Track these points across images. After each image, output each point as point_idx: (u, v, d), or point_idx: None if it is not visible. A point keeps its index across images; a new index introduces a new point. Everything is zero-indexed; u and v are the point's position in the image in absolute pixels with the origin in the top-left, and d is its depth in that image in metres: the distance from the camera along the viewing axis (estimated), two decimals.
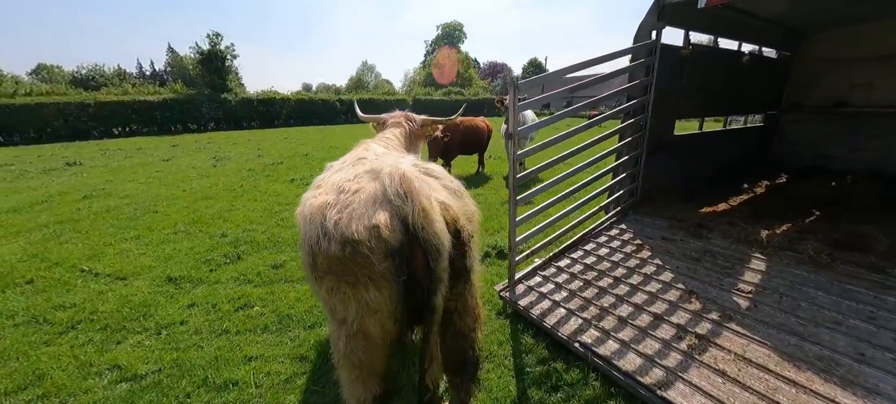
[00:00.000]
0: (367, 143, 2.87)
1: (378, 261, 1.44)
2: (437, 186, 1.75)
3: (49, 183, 9.50)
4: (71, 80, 47.22)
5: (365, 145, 2.79)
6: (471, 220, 1.82)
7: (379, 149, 2.63)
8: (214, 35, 32.82)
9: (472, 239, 1.73)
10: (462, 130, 7.46)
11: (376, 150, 2.58)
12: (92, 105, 27.15)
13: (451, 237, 1.55)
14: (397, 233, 1.44)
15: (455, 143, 7.37)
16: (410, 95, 42.41)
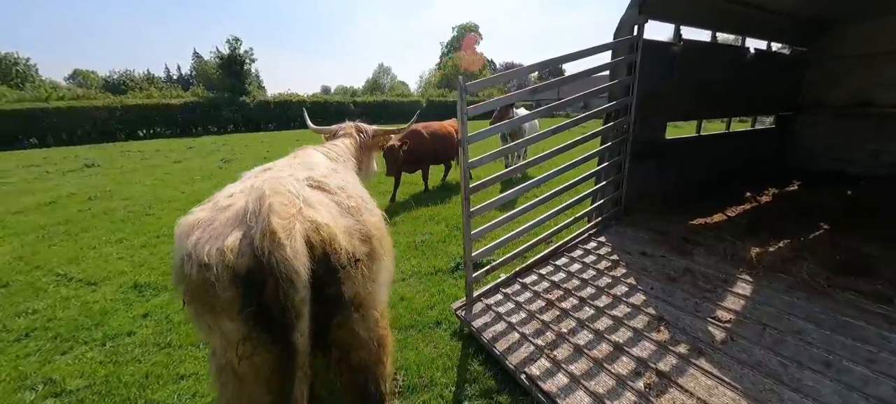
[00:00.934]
0: (306, 150, 2.69)
1: (222, 288, 1.25)
2: (324, 202, 1.54)
3: (63, 184, 9.85)
4: (103, 85, 49.73)
5: (303, 152, 2.61)
6: (367, 240, 1.60)
7: (314, 159, 2.44)
8: (234, 39, 33.80)
9: (357, 263, 1.50)
10: (431, 138, 6.76)
11: (308, 159, 2.39)
12: (119, 109, 28.38)
13: (320, 262, 1.34)
14: (245, 258, 1.24)
15: (426, 152, 6.71)
16: (424, 97, 42.42)
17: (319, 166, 2.12)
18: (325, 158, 2.63)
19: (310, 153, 2.54)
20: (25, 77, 42.55)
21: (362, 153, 3.24)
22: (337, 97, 40.31)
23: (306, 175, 1.70)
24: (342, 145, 3.00)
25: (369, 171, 3.50)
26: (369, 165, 3.47)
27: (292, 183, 1.51)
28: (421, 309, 3.35)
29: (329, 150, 2.80)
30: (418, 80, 68.92)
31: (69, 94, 31.09)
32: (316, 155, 2.59)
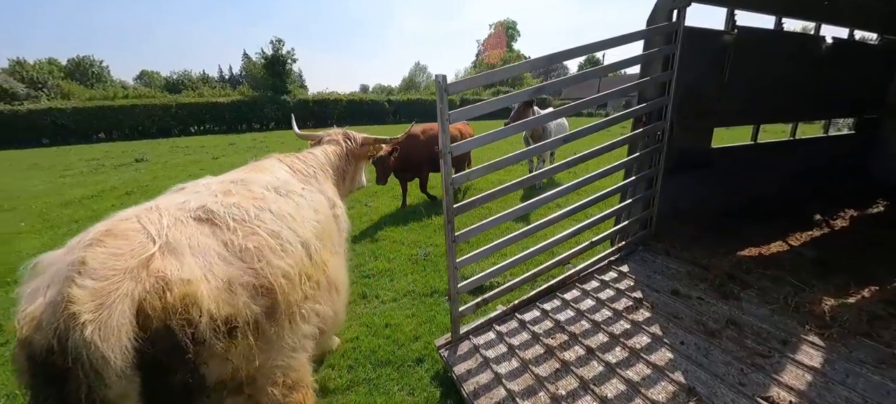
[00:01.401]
0: (269, 160, 2.35)
1: (18, 369, 0.92)
2: (202, 245, 1.16)
3: (111, 178, 10.49)
4: (164, 84, 54.00)
5: (262, 163, 2.27)
6: (265, 293, 1.21)
7: (260, 175, 2.02)
8: (277, 41, 35.19)
9: (234, 330, 1.11)
10: (428, 141, 5.97)
11: (253, 175, 2.02)
12: (173, 106, 30.53)
13: (158, 337, 0.96)
14: (42, 334, 0.89)
15: (421, 158, 5.94)
16: (459, 95, 42.02)
17: (256, 183, 1.77)
18: (286, 171, 2.29)
19: (265, 166, 2.19)
20: (99, 77, 46.99)
21: (349, 162, 2.90)
22: (372, 96, 40.94)
23: (201, 203, 1.34)
24: (320, 154, 2.66)
25: (357, 182, 3.16)
26: (357, 176, 3.13)
27: (159, 218, 1.16)
28: (404, 341, 2.94)
29: (298, 161, 2.45)
30: (454, 78, 68.93)
31: (133, 93, 33.99)
32: (277, 167, 2.25)
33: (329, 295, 1.80)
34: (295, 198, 1.84)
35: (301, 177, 2.29)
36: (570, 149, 10.12)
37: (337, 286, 1.99)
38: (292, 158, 2.45)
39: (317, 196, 2.28)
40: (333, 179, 2.66)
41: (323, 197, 2.33)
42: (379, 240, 4.91)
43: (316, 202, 2.13)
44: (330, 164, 2.66)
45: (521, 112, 6.04)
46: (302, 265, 1.45)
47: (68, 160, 15.29)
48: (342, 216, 2.45)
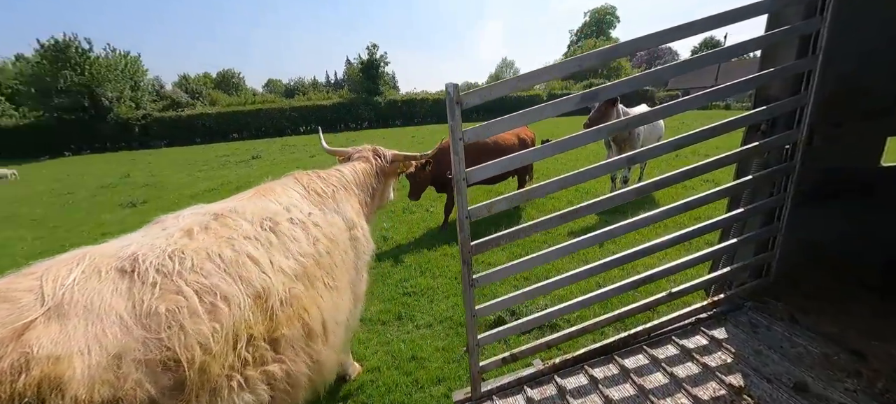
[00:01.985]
0: (290, 179, 2.21)
1: None
2: (104, 308, 0.98)
3: (229, 174, 12.35)
4: (284, 91, 62.54)
5: (277, 184, 2.14)
6: (172, 368, 0.99)
7: (283, 198, 1.93)
8: (372, 46, 37.78)
9: None
10: (472, 151, 4.86)
11: (270, 197, 1.90)
12: (287, 110, 35.07)
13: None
14: None
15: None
16: (545, 91, 39.79)
17: (245, 215, 1.59)
18: (299, 193, 2.12)
19: (275, 189, 2.03)
20: (237, 87, 56.45)
21: (378, 180, 2.72)
22: None
23: (135, 250, 1.18)
24: (347, 172, 2.50)
25: (386, 198, 2.95)
26: (386, 192, 2.93)
27: (67, 273, 1.01)
28: (426, 382, 2.60)
29: (317, 180, 2.27)
30: None
31: (259, 99, 40.05)
32: (289, 189, 2.08)
33: (305, 346, 1.55)
34: (285, 231, 1.64)
35: (316, 198, 2.13)
36: (666, 164, 8.55)
37: (325, 330, 1.74)
38: (311, 177, 2.28)
39: (332, 218, 2.10)
40: (360, 197, 2.48)
41: (339, 218, 2.14)
42: (429, 252, 4.66)
43: (326, 228, 1.96)
44: (356, 183, 2.49)
45: (603, 112, 5.16)
46: (240, 326, 1.20)
47: (206, 156, 18.61)
48: (362, 237, 2.26)
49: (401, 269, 4.29)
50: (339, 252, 1.96)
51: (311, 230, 1.84)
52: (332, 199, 2.20)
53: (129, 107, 30.73)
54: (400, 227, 5.51)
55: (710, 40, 49.96)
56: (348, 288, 2.04)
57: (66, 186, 12.16)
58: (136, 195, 9.31)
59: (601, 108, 5.15)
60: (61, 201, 9.55)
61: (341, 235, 2.05)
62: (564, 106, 1.89)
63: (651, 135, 6.00)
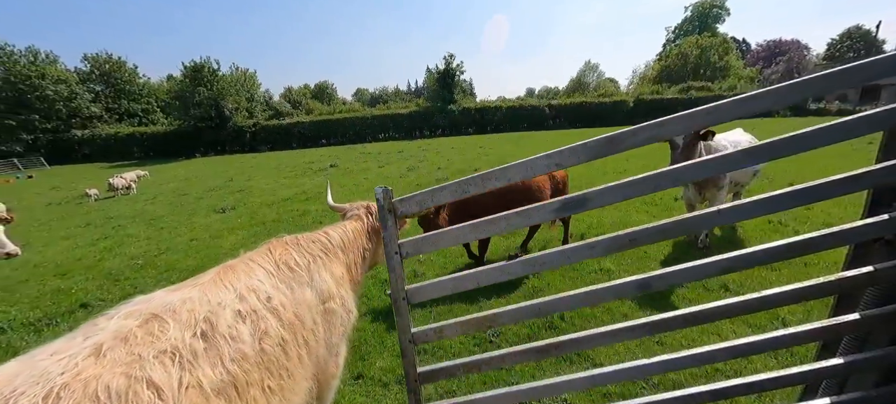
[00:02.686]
0: (260, 254, 1.96)
1: None
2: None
3: (307, 182, 13.53)
4: (369, 99, 67.43)
5: (241, 264, 1.86)
6: None
7: (242, 283, 1.72)
8: (449, 56, 38.58)
9: None
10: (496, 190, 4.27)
11: (228, 280, 1.70)
12: (369, 117, 37.60)
13: None
14: None
15: (483, 209, 4.19)
16: (633, 96, 36.25)
17: (176, 320, 1.40)
18: (266, 270, 1.86)
19: (238, 270, 1.80)
20: (331, 97, 62.38)
21: (370, 239, 2.50)
22: (532, 101, 40.12)
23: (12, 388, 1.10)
24: (336, 234, 2.29)
25: (381, 258, 2.76)
26: (380, 252, 2.71)
27: None
28: None
29: (292, 251, 2.04)
30: (630, 76, 60.02)
31: (346, 108, 43.70)
32: (254, 268, 1.83)
33: None
34: (223, 331, 1.45)
35: (285, 274, 1.91)
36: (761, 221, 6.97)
37: None
38: (288, 246, 2.07)
39: (301, 295, 1.88)
40: (347, 261, 2.28)
41: (311, 293, 1.93)
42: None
43: (289, 309, 1.76)
44: (343, 245, 2.28)
45: (688, 149, 4.17)
46: None
47: (295, 162, 20.84)
48: (340, 308, 2.05)
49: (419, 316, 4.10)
50: (301, 335, 1.79)
51: (263, 321, 1.65)
52: (307, 271, 1.99)
53: (243, 117, 36.02)
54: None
55: (857, 28, 40.47)
56: (308, 375, 1.88)
57: (185, 187, 14.59)
58: (229, 201, 10.71)
59: (688, 145, 4.18)
60: (176, 201, 11.46)
61: (309, 313, 1.87)
62: (671, 128, 1.46)
63: (742, 182, 4.93)
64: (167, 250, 6.56)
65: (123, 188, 14.51)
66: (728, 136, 4.98)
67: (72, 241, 7.74)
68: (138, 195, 13.73)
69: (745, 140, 4.92)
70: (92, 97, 37.43)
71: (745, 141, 4.89)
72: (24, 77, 32.09)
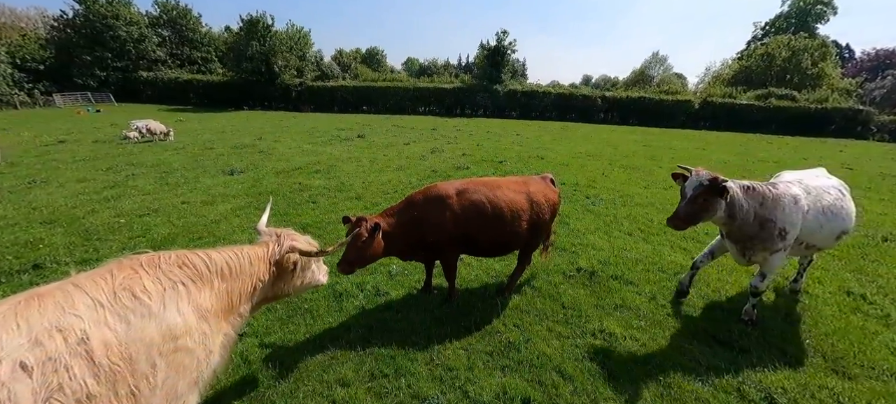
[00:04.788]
0: (110, 271, 1.62)
1: None
2: None
3: (328, 151, 13.17)
4: (418, 70, 66.45)
5: (70, 284, 1.53)
6: None
7: (57, 312, 1.39)
8: (502, 32, 36.44)
9: None
10: (462, 212, 3.33)
11: (41, 315, 1.36)
12: (411, 89, 36.93)
13: None
14: None
15: (446, 234, 3.31)
16: (700, 96, 32.24)
17: None
18: (89, 305, 1.48)
19: (47, 302, 1.42)
20: (380, 63, 62.25)
21: (270, 269, 2.15)
22: (584, 90, 37.15)
23: None
24: (218, 258, 1.94)
25: (292, 289, 2.34)
26: (285, 283, 2.27)
27: None
28: None
29: (145, 276, 1.67)
30: (702, 74, 53.81)
31: (390, 77, 43.16)
32: (69, 304, 1.45)
33: None
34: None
35: (125, 303, 1.54)
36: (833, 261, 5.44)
37: None
38: (136, 271, 1.66)
39: (140, 330, 1.54)
40: (227, 288, 1.93)
41: (155, 328, 1.59)
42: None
43: (114, 350, 1.45)
44: (229, 271, 1.95)
45: (694, 204, 3.06)
46: None
47: (327, 127, 20.72)
48: (197, 346, 1.72)
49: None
50: (126, 385, 1.47)
51: (60, 373, 1.30)
52: (159, 301, 1.64)
53: (291, 76, 36.63)
54: None
55: None
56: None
57: (214, 140, 14.84)
58: (244, 162, 10.59)
59: (695, 195, 3.06)
60: (198, 155, 11.56)
61: (147, 354, 1.54)
62: None
63: (823, 228, 3.43)
64: (153, 211, 6.36)
65: (162, 134, 15.03)
66: (805, 178, 3.68)
67: (83, 186, 7.86)
68: (170, 144, 14.13)
69: (829, 187, 3.58)
70: (159, 41, 39.71)
71: (830, 188, 3.56)
72: (101, 16, 34.51)
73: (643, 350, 3.27)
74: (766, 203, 3.19)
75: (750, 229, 3.22)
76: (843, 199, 3.50)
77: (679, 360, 3.15)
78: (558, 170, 10.82)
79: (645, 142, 18.87)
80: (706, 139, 22.81)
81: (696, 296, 4.12)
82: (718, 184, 2.97)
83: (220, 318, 1.89)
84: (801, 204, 3.26)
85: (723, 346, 3.34)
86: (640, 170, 11.43)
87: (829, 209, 3.39)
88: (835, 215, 3.40)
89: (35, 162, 10.15)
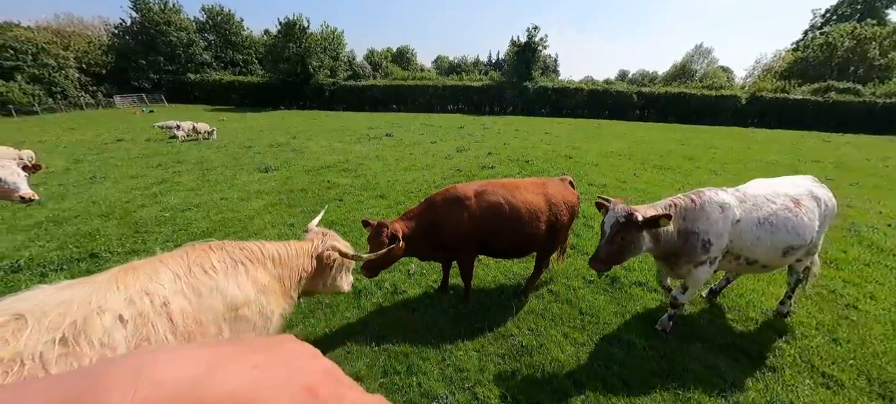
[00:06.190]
0: (184, 251, 1.92)
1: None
2: None
3: (356, 150, 13.55)
4: (448, 67, 66.42)
5: (154, 261, 1.83)
6: None
7: (145, 280, 1.70)
8: (533, 28, 35.80)
9: None
10: (480, 212, 3.31)
11: (133, 281, 1.66)
12: (440, 87, 37.08)
13: None
14: None
15: (461, 234, 3.30)
16: (748, 91, 30.03)
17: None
18: (171, 276, 1.77)
19: (139, 272, 1.73)
20: (410, 62, 62.88)
21: (312, 263, 2.39)
22: (619, 85, 35.70)
23: None
24: (271, 247, 2.21)
25: (326, 287, 2.52)
26: (322, 280, 2.48)
27: None
28: None
29: (213, 256, 1.95)
30: (751, 67, 49.99)
31: (419, 76, 43.52)
32: (156, 275, 1.75)
33: None
34: (96, 337, 1.43)
35: (197, 277, 1.82)
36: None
37: None
38: (208, 250, 1.96)
39: (208, 300, 1.80)
40: (276, 274, 2.20)
41: (219, 299, 1.84)
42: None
43: (188, 315, 1.72)
44: (279, 258, 2.22)
45: (613, 242, 2.80)
46: None
47: (356, 126, 21.27)
48: (254, 315, 1.97)
49: None
50: (200, 340, 1.73)
51: (148, 327, 1.59)
52: (223, 276, 1.93)
53: (325, 76, 37.87)
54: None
55: None
56: None
57: (253, 139, 15.65)
58: (279, 160, 11.11)
59: (613, 233, 2.79)
60: (237, 154, 12.24)
61: (215, 320, 1.83)
62: None
63: (761, 241, 2.98)
64: (195, 206, 6.83)
65: (206, 132, 16.05)
66: (776, 184, 3.28)
67: (136, 181, 8.57)
68: (213, 142, 15.05)
69: (776, 196, 3.10)
70: (205, 45, 42.31)
71: (776, 197, 3.10)
72: (155, 23, 37.25)
73: (664, 362, 3.15)
74: (689, 215, 2.94)
75: (673, 246, 2.98)
76: (793, 211, 3.03)
77: (702, 375, 3.00)
78: (587, 170, 10.53)
79: (683, 141, 17.92)
80: (753, 137, 21.30)
81: (726, 308, 3.90)
82: (634, 220, 2.70)
83: (278, 295, 2.15)
84: (729, 213, 2.93)
85: (752, 362, 3.15)
86: (675, 170, 10.90)
87: (768, 220, 2.98)
88: (775, 227, 2.98)
89: (96, 159, 11.17)
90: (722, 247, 2.95)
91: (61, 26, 40.92)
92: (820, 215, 3.16)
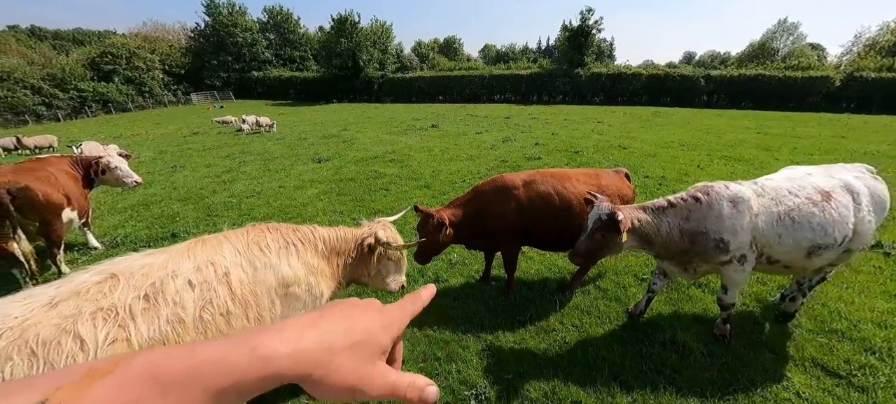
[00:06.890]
0: (246, 230, 2.14)
1: None
2: None
3: (401, 141, 13.86)
4: (495, 56, 65.23)
5: (220, 237, 2.06)
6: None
7: (211, 252, 1.92)
8: (587, 10, 33.93)
9: None
10: (529, 204, 3.27)
11: (201, 252, 1.91)
12: (487, 77, 36.60)
13: None
14: None
15: (507, 225, 3.29)
16: (842, 71, 25.90)
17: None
18: (232, 251, 1.99)
19: (208, 244, 1.97)
20: (457, 51, 62.61)
21: (358, 250, 2.48)
22: (683, 69, 32.63)
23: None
24: (323, 231, 2.38)
25: (372, 279, 2.59)
26: (366, 270, 2.54)
27: None
28: None
29: (269, 236, 2.14)
30: (848, 43, 42.98)
31: (465, 66, 43.20)
32: (221, 247, 1.98)
33: None
34: (169, 296, 1.66)
35: (254, 253, 2.02)
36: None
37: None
38: (266, 230, 2.16)
39: (263, 275, 1.98)
40: (327, 258, 2.35)
41: (273, 275, 2.01)
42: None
43: (246, 286, 1.91)
44: (328, 242, 2.36)
45: (600, 240, 2.66)
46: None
47: (403, 117, 21.69)
48: (304, 293, 2.14)
49: None
50: (254, 311, 1.92)
51: (211, 292, 1.80)
52: (276, 255, 2.10)
53: (374, 69, 39.00)
54: None
55: None
56: None
57: (308, 131, 16.60)
58: (331, 150, 11.69)
59: (593, 230, 2.66)
60: (294, 145, 13.08)
61: (268, 293, 2.00)
62: None
63: (782, 239, 2.65)
64: (256, 194, 7.43)
65: (267, 126, 17.32)
66: (807, 175, 2.89)
67: (208, 170, 9.50)
68: (273, 135, 16.20)
69: (800, 189, 2.72)
70: (266, 43, 45.41)
71: (800, 190, 2.72)
72: (223, 25, 40.63)
73: (725, 371, 2.88)
74: (693, 215, 2.65)
75: (678, 246, 2.70)
76: (819, 205, 2.62)
77: (771, 388, 2.71)
78: (643, 160, 9.84)
79: (759, 129, 16.05)
80: (848, 124, 18.51)
81: (804, 317, 3.47)
82: (615, 220, 2.50)
83: (327, 277, 2.30)
84: (743, 207, 2.58)
85: (834, 380, 2.78)
86: (748, 162, 9.81)
87: (789, 215, 2.59)
88: (797, 223, 2.58)
89: (177, 150, 12.53)
90: (745, 244, 2.65)
91: (148, 32, 46.22)
92: (857, 211, 2.72)
